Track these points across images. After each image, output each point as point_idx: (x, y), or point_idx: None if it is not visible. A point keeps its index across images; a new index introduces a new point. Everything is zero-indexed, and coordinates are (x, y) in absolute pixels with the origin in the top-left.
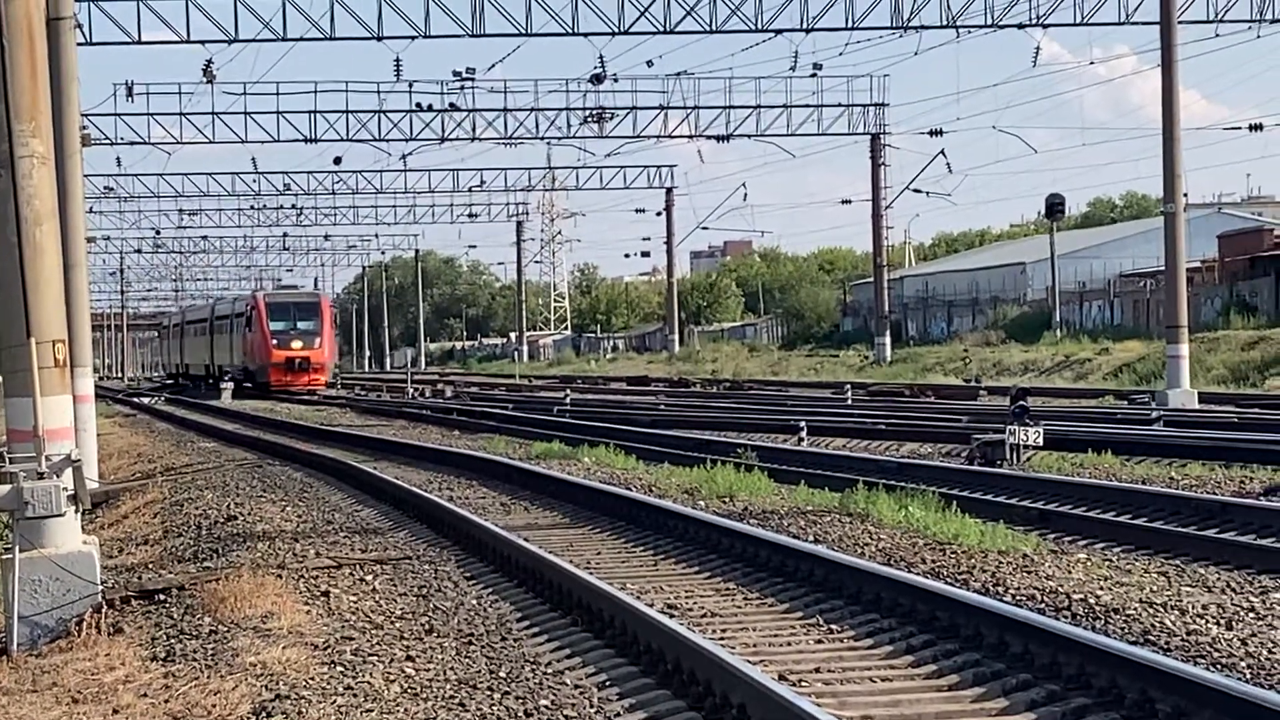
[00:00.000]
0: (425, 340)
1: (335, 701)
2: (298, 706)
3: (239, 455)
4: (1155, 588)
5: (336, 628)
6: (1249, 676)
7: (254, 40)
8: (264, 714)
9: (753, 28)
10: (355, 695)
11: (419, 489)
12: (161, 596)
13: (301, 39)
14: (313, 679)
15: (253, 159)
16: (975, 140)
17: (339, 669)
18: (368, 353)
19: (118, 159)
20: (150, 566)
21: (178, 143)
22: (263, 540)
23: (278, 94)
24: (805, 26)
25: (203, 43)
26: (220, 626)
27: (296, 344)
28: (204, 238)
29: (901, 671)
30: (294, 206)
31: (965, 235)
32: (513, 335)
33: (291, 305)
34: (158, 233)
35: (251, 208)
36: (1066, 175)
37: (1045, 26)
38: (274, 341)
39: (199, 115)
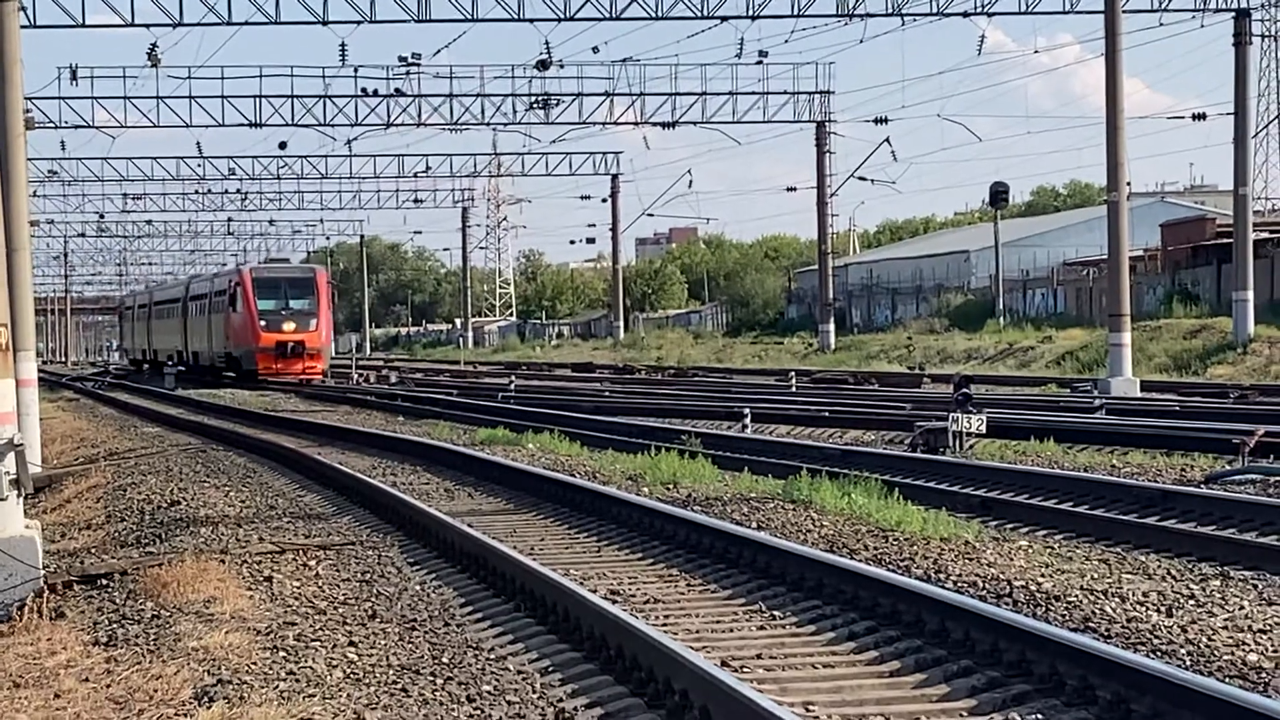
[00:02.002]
0: (370, 326)
1: (277, 686)
2: (240, 691)
3: (183, 440)
4: (1096, 575)
5: (279, 613)
6: (1189, 663)
7: (199, 24)
8: (206, 699)
9: (698, 14)
10: (297, 680)
11: (363, 475)
12: (104, 581)
13: (246, 23)
14: (255, 664)
15: (197, 143)
16: (920, 128)
17: (281, 654)
18: None
19: (62, 142)
20: (93, 551)
21: (122, 126)
22: (206, 525)
23: (222, 78)
24: (751, 13)
25: (147, 26)
26: (163, 611)
27: (289, 326)
28: (148, 222)
29: (843, 658)
30: (239, 191)
31: (910, 223)
32: (458, 321)
33: (283, 281)
34: (102, 217)
35: (196, 192)
36: (1010, 163)
37: (990, 15)
38: (262, 323)
39: (143, 99)
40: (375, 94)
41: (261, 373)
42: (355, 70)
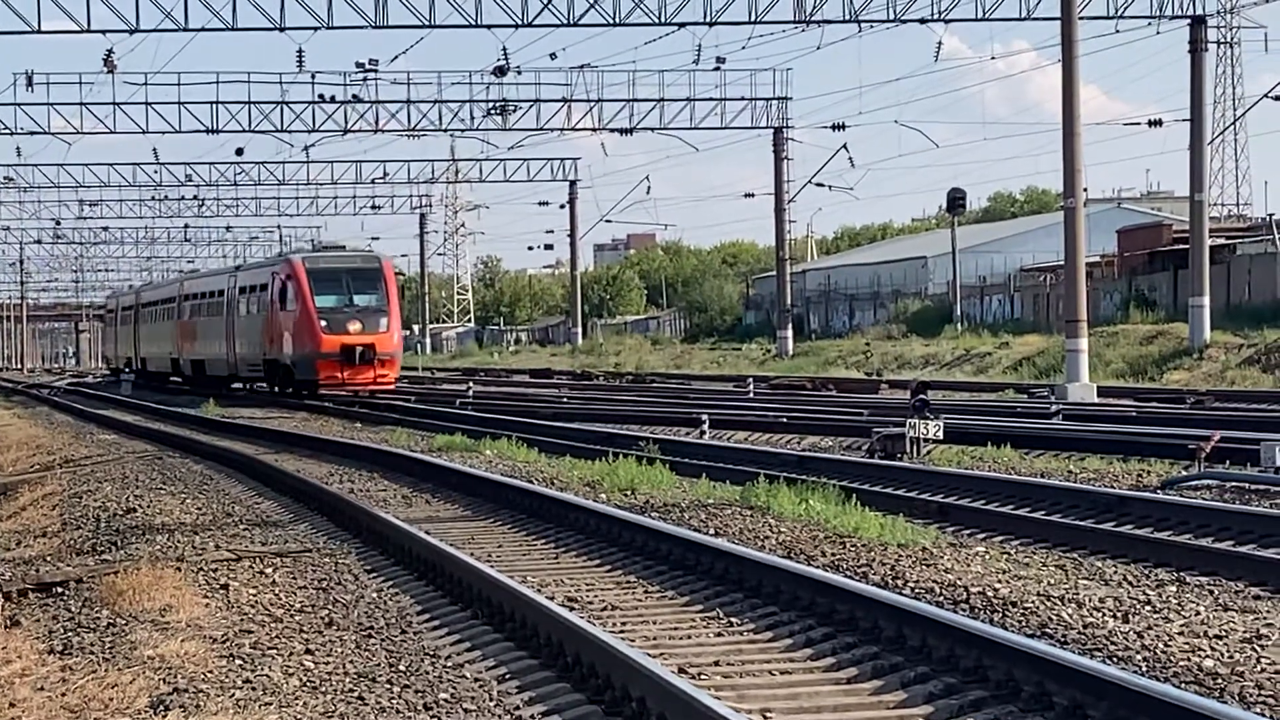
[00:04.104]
0: None
1: (233, 695)
2: (196, 700)
3: (139, 447)
4: (1053, 581)
5: (235, 621)
6: (1145, 669)
7: (155, 30)
8: (161, 707)
9: (656, 21)
10: (254, 689)
11: (320, 482)
12: (59, 589)
13: (203, 29)
14: (211, 672)
15: (154, 149)
16: (877, 134)
17: (238, 662)
18: None
19: (17, 149)
20: (48, 559)
21: (78, 133)
22: (162, 533)
23: (179, 84)
24: (708, 20)
25: (104, 32)
26: (118, 619)
27: (355, 326)
28: (105, 228)
29: (801, 665)
30: (195, 197)
31: (867, 229)
32: (415, 327)
33: (344, 273)
34: (58, 223)
35: (153, 198)
36: (967, 170)
37: (947, 22)
38: (324, 323)
39: (100, 105)
40: (333, 100)
41: (324, 382)
42: (312, 76)
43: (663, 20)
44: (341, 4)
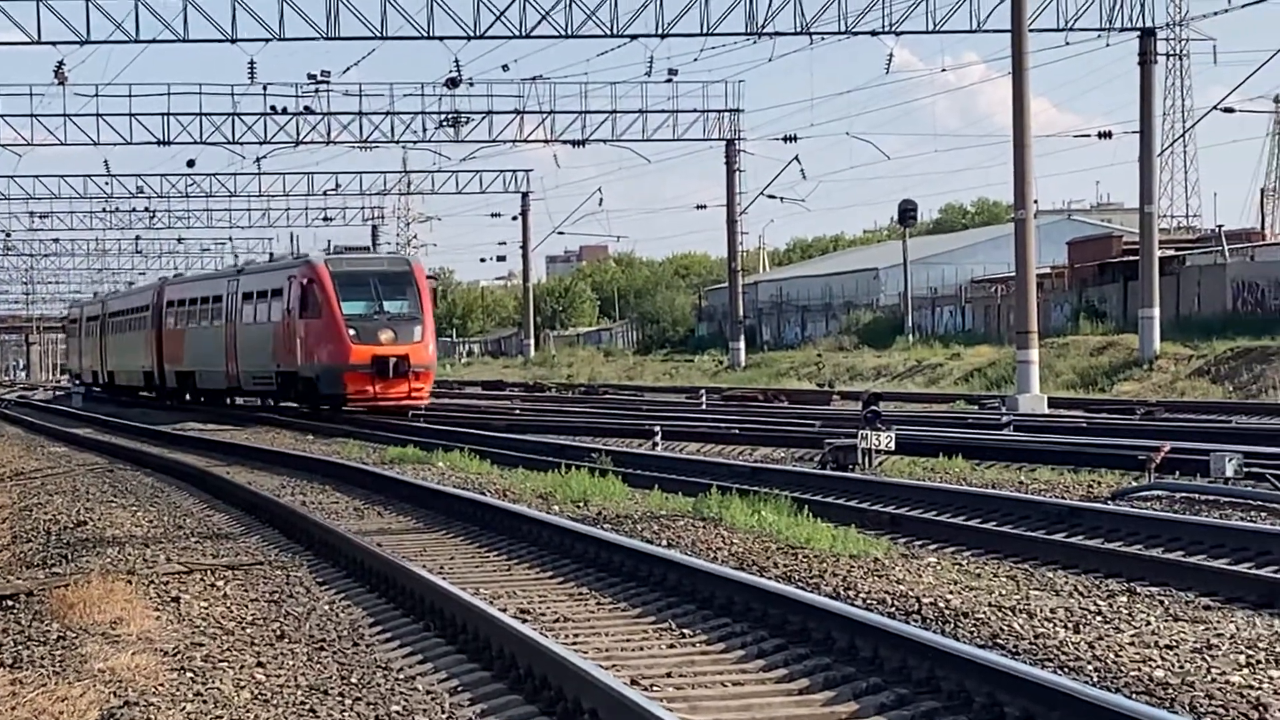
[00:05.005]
0: None
1: (184, 708)
2: (146, 713)
3: (89, 460)
4: (1004, 591)
5: (187, 634)
6: (1096, 679)
7: (106, 41)
8: None
9: (608, 33)
10: (205, 702)
11: (272, 494)
12: (9, 602)
13: (154, 41)
14: (162, 685)
15: (105, 161)
16: (829, 146)
17: (189, 675)
18: None
19: None
20: None
21: (28, 145)
22: (113, 545)
23: (130, 96)
24: (660, 32)
25: (54, 44)
26: (69, 633)
27: (386, 335)
28: (55, 240)
29: (753, 676)
30: (146, 209)
31: (819, 241)
32: None
33: (372, 277)
34: (8, 235)
35: (104, 210)
36: (919, 181)
37: (897, 34)
38: (352, 332)
39: (50, 117)
40: (284, 111)
41: (352, 397)
42: (264, 88)
43: (614, 32)
44: (293, 15)
